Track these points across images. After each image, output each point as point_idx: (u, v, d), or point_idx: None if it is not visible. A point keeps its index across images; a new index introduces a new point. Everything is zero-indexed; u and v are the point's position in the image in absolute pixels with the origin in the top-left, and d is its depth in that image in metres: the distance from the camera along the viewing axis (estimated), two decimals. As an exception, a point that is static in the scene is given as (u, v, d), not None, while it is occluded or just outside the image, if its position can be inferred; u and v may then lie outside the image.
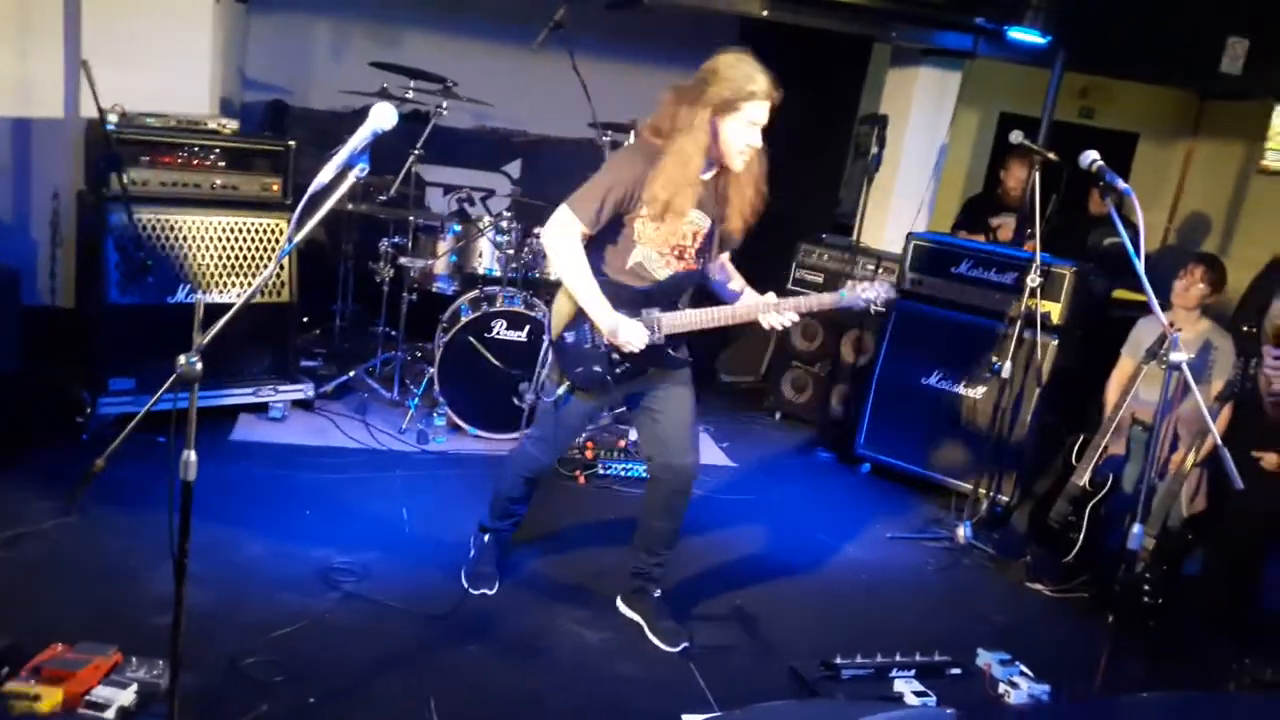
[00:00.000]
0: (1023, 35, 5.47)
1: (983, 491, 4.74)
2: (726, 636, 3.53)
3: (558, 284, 5.10)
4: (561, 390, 3.20)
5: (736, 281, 3.36)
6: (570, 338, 3.14)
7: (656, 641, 3.37)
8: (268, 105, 6.41)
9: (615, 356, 3.13)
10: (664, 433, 3.25)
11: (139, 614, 3.05)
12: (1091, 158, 3.01)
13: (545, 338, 3.21)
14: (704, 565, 3.98)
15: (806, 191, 6.82)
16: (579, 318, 3.12)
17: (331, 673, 2.95)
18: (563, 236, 3.02)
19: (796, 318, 3.17)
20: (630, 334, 3.04)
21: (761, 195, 3.11)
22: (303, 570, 3.49)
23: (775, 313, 3.14)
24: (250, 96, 6.39)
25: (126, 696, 2.60)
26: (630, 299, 3.10)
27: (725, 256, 3.34)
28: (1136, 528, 2.86)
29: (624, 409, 3.69)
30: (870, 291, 3.17)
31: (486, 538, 3.58)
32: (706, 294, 3.38)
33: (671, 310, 3.14)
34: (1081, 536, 4.13)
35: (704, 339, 6.22)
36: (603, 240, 3.09)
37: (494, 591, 3.49)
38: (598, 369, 3.13)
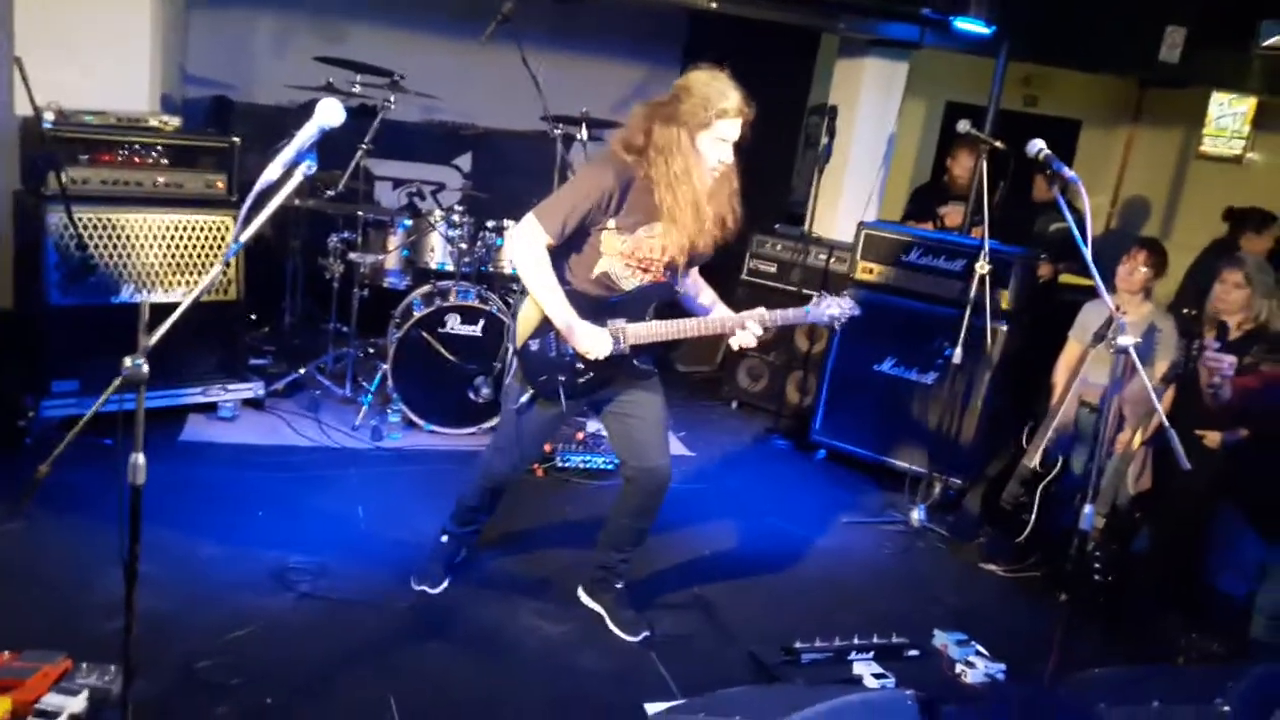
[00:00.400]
0: (968, 25, 5.54)
1: (936, 475, 4.80)
2: (687, 625, 3.55)
3: (512, 279, 5.15)
4: (525, 398, 3.19)
5: (707, 295, 3.33)
6: (535, 346, 3.13)
7: (617, 631, 3.38)
8: (211, 101, 6.29)
9: (580, 366, 3.12)
10: (637, 436, 3.24)
11: (90, 620, 2.98)
12: (1039, 146, 3.06)
13: (509, 345, 3.18)
14: (663, 555, 3.99)
15: (758, 182, 6.79)
16: (544, 327, 3.10)
17: (289, 674, 2.92)
18: (529, 246, 3.00)
19: (761, 331, 3.15)
20: (593, 341, 3.02)
21: (735, 213, 3.11)
22: (257, 571, 3.44)
23: (742, 329, 3.13)
24: (193, 92, 6.25)
25: (77, 704, 2.54)
26: (595, 309, 3.08)
27: (695, 271, 3.31)
28: (1088, 508, 2.91)
29: (591, 415, 3.69)
30: (834, 309, 3.20)
31: (444, 539, 3.56)
32: (674, 306, 3.34)
33: (639, 321, 3.14)
34: (1033, 517, 4.21)
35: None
36: (568, 249, 3.07)
37: (436, 590, 3.46)
38: (561, 378, 3.13)
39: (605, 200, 2.96)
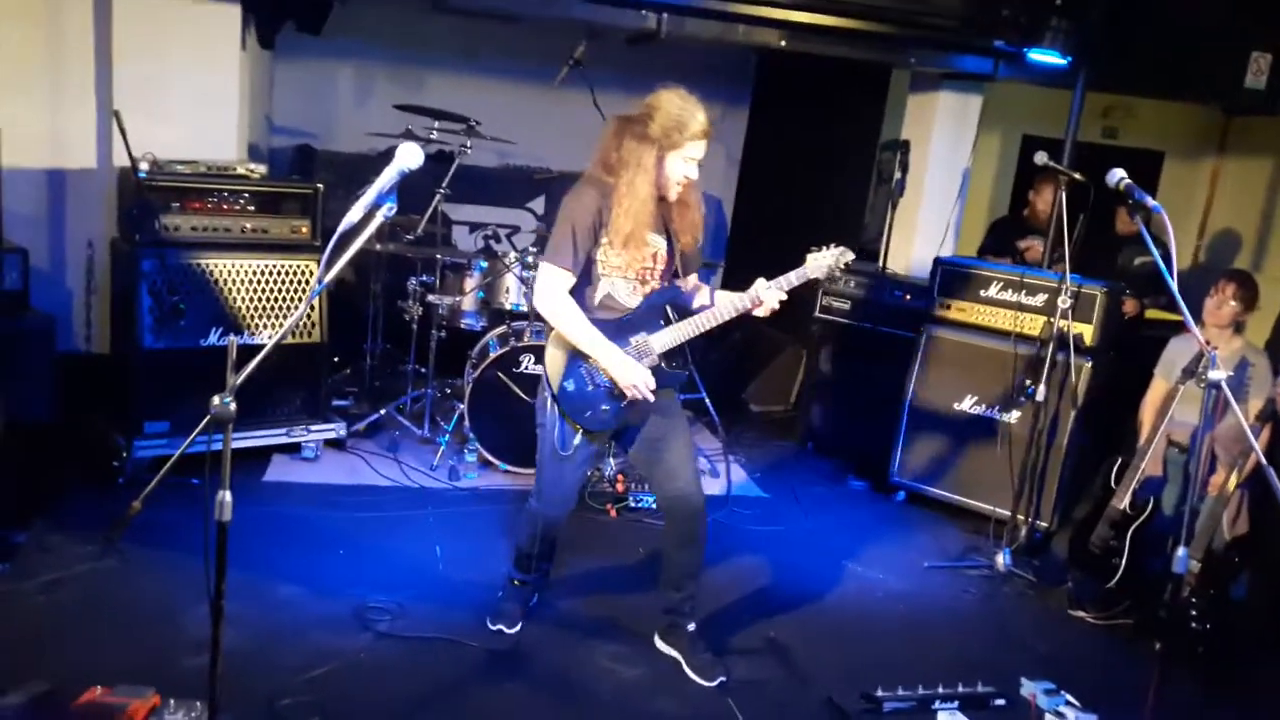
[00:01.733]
0: (1043, 57, 5.45)
1: (1021, 518, 4.67)
2: (763, 670, 3.49)
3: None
4: (578, 440, 3.23)
5: (704, 294, 3.38)
6: (571, 386, 3.17)
7: (694, 676, 3.33)
8: (295, 149, 6.51)
9: (617, 392, 3.16)
10: (667, 463, 3.27)
11: (176, 656, 3.05)
12: (1119, 176, 2.99)
13: (545, 394, 3.21)
14: (738, 597, 3.94)
15: (831, 218, 6.82)
16: (571, 363, 3.16)
17: (367, 712, 2.94)
18: (553, 295, 3.07)
19: (784, 295, 3.19)
20: (637, 375, 3.09)
21: (702, 214, 3.28)
22: (337, 610, 3.49)
23: (766, 293, 3.15)
24: (278, 141, 6.49)
25: (165, 740, 2.59)
26: (615, 332, 3.13)
27: (695, 278, 3.36)
28: (1181, 551, 2.80)
29: (620, 452, 3.70)
30: (829, 259, 3.22)
31: (516, 583, 3.58)
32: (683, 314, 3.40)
33: (657, 331, 3.18)
34: (1124, 561, 4.05)
35: (735, 371, 6.21)
36: (577, 286, 3.13)
37: (513, 631, 3.47)
38: (605, 408, 3.18)
39: (597, 218, 3.06)
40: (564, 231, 3.06)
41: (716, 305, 3.22)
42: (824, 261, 3.22)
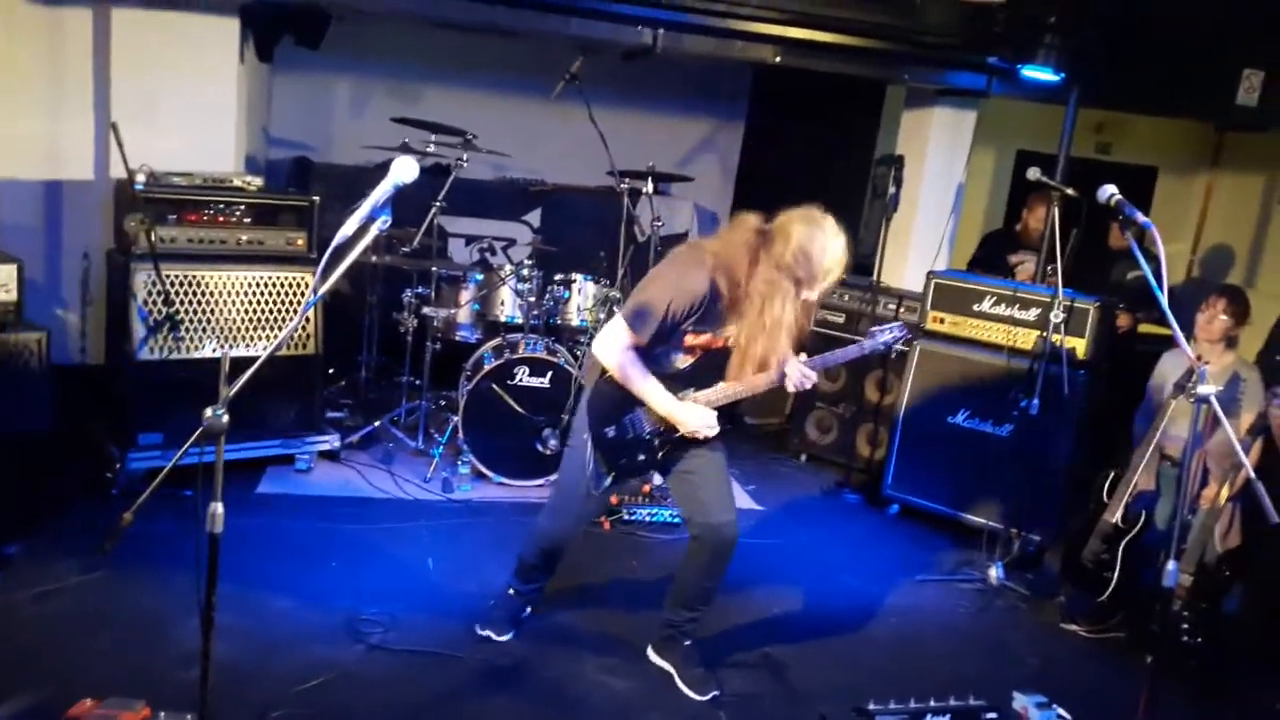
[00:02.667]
0: (1036, 73, 5.49)
1: (1014, 531, 4.67)
2: (756, 684, 3.48)
3: (580, 330, 5.20)
4: (608, 481, 3.26)
5: None
6: (611, 433, 3.19)
7: (686, 690, 3.33)
8: (292, 161, 6.53)
9: (657, 442, 3.20)
10: (701, 493, 3.27)
11: (167, 668, 3.05)
12: (1110, 192, 3.01)
13: (584, 434, 3.21)
14: (731, 611, 3.93)
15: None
16: (615, 410, 3.17)
17: (359, 725, 2.93)
18: (619, 352, 3.08)
19: (816, 378, 3.19)
20: (700, 419, 3.12)
21: (807, 326, 3.19)
22: (330, 622, 3.49)
23: (797, 373, 3.14)
24: (275, 154, 6.51)
25: (155, 752, 2.59)
26: (669, 385, 3.15)
27: None
28: (1171, 565, 2.81)
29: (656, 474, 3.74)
30: (888, 335, 3.27)
31: (511, 592, 3.58)
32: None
33: (706, 389, 3.19)
34: (1116, 575, 4.06)
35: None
36: (652, 344, 3.12)
37: (500, 639, 3.48)
38: (642, 457, 3.22)
39: (697, 305, 3.00)
40: (659, 303, 3.00)
41: (765, 375, 3.16)
42: (882, 340, 3.26)
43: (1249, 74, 6.22)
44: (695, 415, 3.14)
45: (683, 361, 3.19)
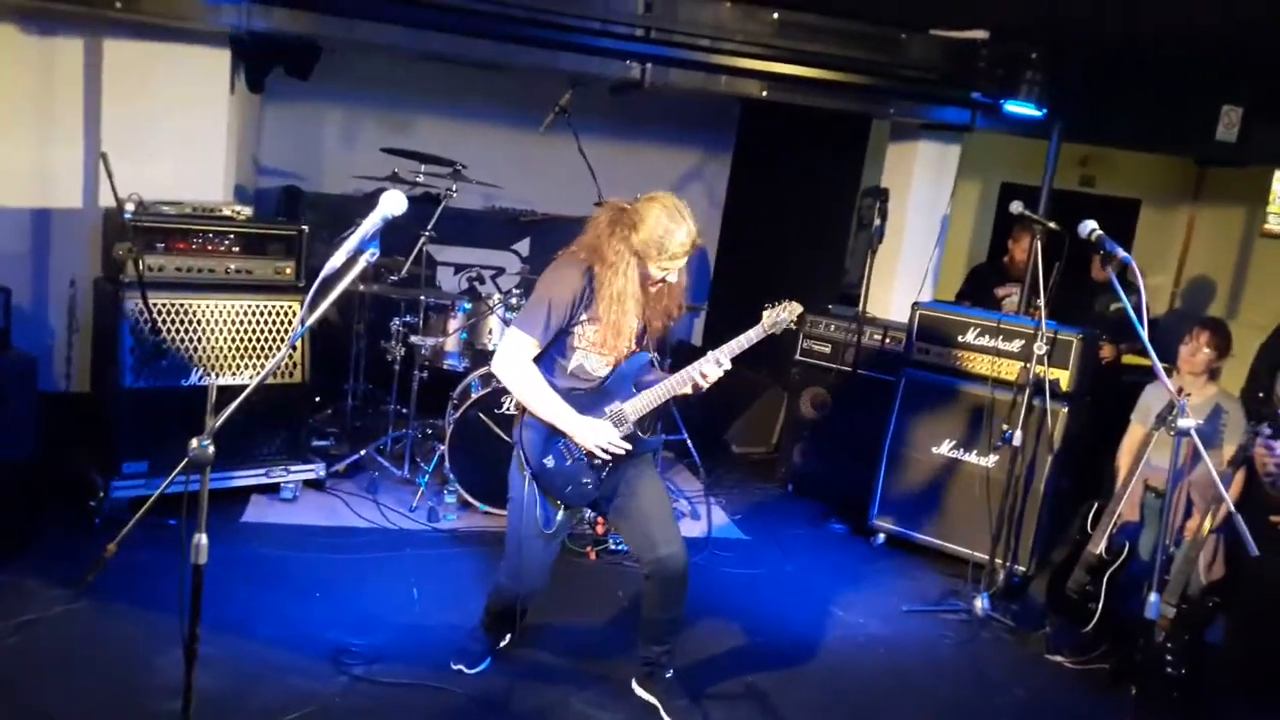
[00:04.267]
0: (1019, 108, 5.57)
1: (999, 562, 4.69)
2: (741, 714, 3.48)
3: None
4: (560, 516, 3.24)
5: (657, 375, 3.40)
6: (551, 463, 3.18)
7: (671, 722, 3.32)
8: (282, 191, 6.55)
9: (597, 462, 3.19)
10: (644, 528, 3.25)
11: (151, 700, 3.03)
12: (1090, 227, 3.07)
13: (523, 472, 3.20)
14: (717, 642, 3.93)
15: (812, 263, 6.90)
16: (549, 440, 3.17)
17: (341, 758, 2.91)
18: (515, 360, 3.11)
19: (728, 364, 3.18)
20: (596, 434, 3.12)
21: (681, 307, 3.33)
22: (313, 653, 3.47)
23: (712, 365, 3.15)
24: (265, 183, 6.53)
25: (134, 786, 2.57)
26: (591, 402, 3.17)
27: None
28: (1153, 597, 2.83)
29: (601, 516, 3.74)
30: (783, 314, 3.23)
31: (486, 622, 3.58)
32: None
33: (630, 398, 3.20)
34: (1100, 606, 4.07)
35: (716, 412, 6.21)
36: (550, 354, 3.17)
37: (473, 671, 3.46)
38: (586, 481, 3.21)
39: (578, 297, 3.09)
40: (540, 303, 3.10)
41: (679, 375, 3.19)
42: (778, 318, 3.23)
43: (1228, 110, 6.32)
44: (591, 431, 3.12)
45: (603, 368, 3.19)
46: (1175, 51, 5.74)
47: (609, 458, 3.17)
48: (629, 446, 3.17)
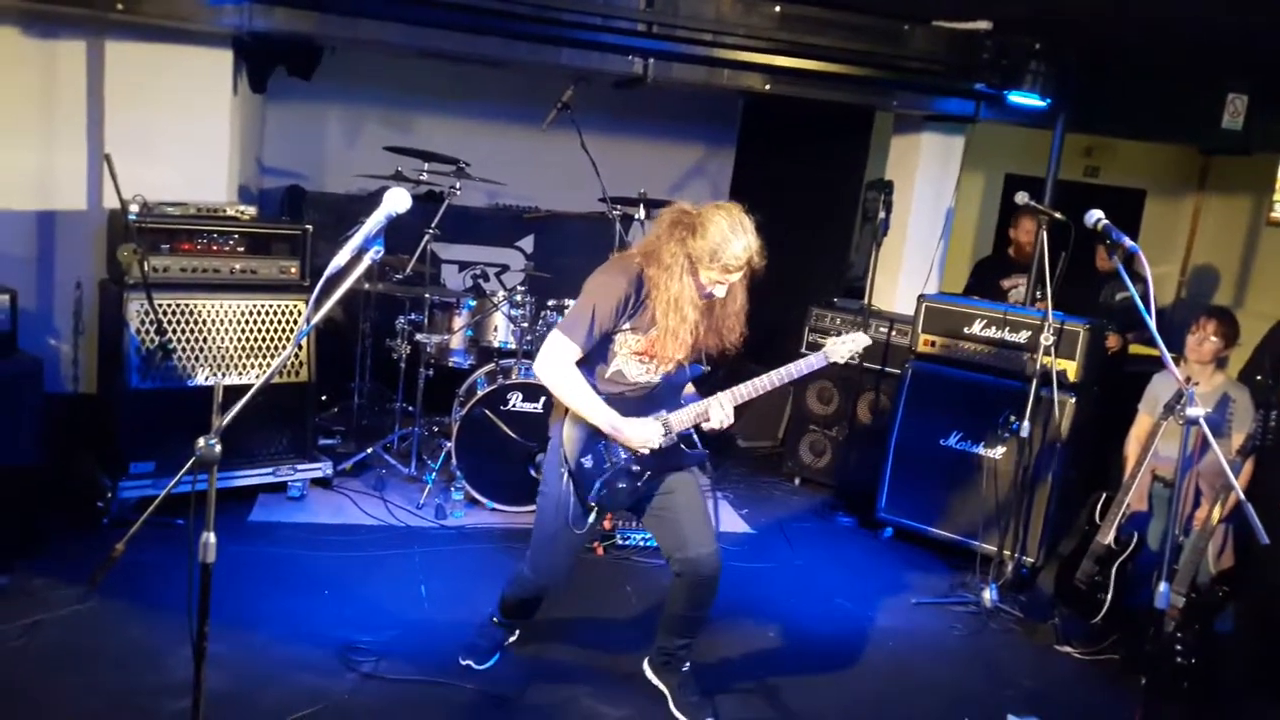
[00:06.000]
0: (1023, 99, 5.55)
1: (1007, 553, 4.68)
2: (751, 710, 3.47)
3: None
4: (592, 518, 3.22)
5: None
6: (588, 463, 3.15)
7: (680, 716, 3.31)
8: (286, 190, 6.56)
9: (635, 468, 3.16)
10: (679, 528, 3.22)
11: (158, 699, 3.03)
12: (1096, 216, 3.04)
13: (561, 468, 3.16)
14: (725, 636, 3.93)
15: (817, 256, 6.88)
16: (590, 441, 3.14)
17: (352, 755, 2.92)
18: (558, 363, 3.06)
19: (726, 422, 3.11)
20: (645, 433, 3.09)
21: (737, 331, 3.19)
22: (322, 651, 3.47)
23: (717, 406, 3.11)
24: (268, 183, 6.54)
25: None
26: (636, 409, 3.13)
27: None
28: (1163, 586, 2.82)
29: (634, 518, 3.72)
30: (844, 348, 3.19)
31: (496, 619, 3.57)
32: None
33: (676, 409, 3.18)
34: (1109, 596, 4.06)
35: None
36: (591, 358, 3.13)
37: (481, 668, 3.45)
38: (622, 485, 3.17)
39: (623, 304, 3.03)
40: (585, 308, 3.03)
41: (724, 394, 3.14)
42: (842, 349, 3.20)
43: (1233, 98, 6.30)
44: (638, 429, 3.09)
45: (644, 376, 3.15)
46: (1179, 40, 5.71)
47: (648, 468, 3.15)
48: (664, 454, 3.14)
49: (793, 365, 3.16)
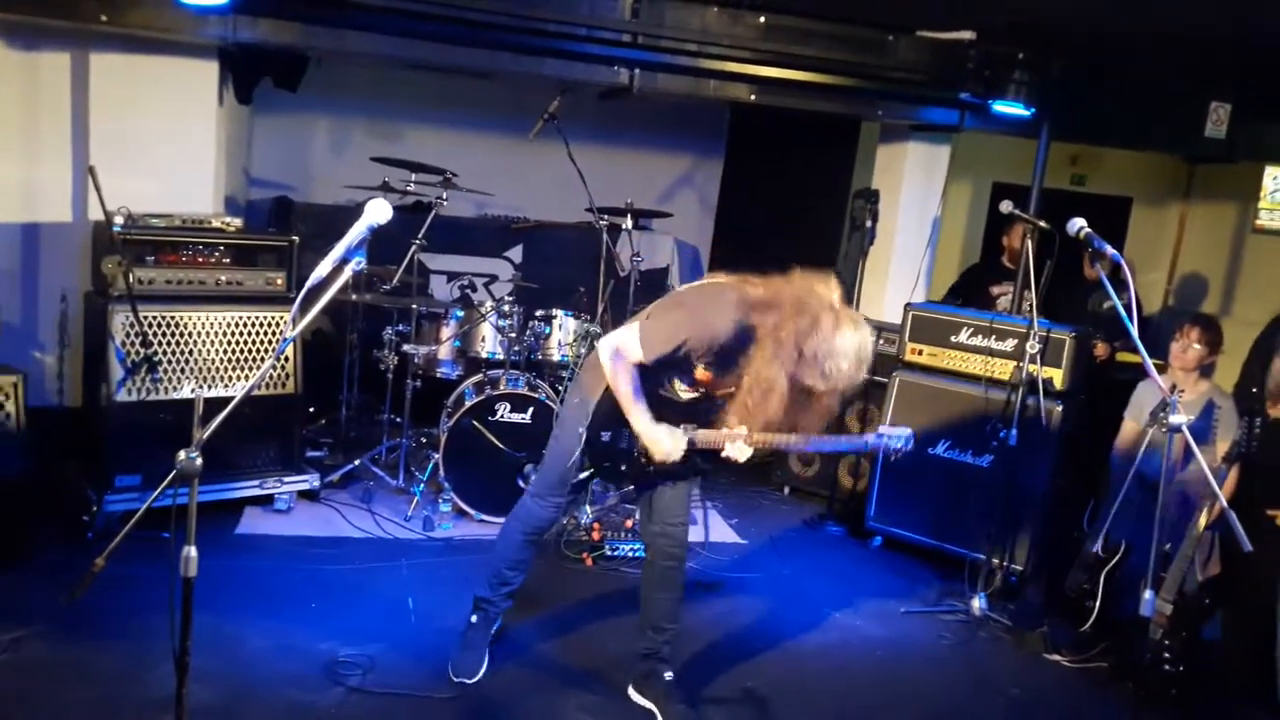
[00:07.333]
0: (1007, 108, 5.58)
1: (996, 562, 4.68)
2: (739, 719, 3.46)
3: (562, 365, 5.20)
4: (586, 474, 3.33)
5: None
6: (606, 437, 3.22)
7: (668, 727, 3.31)
8: (273, 201, 6.55)
9: (642, 460, 3.21)
10: (658, 502, 3.34)
11: (141, 714, 3.01)
12: (1079, 225, 3.05)
13: (580, 426, 3.22)
14: (714, 645, 3.92)
15: (804, 265, 6.89)
16: (617, 421, 3.18)
17: (337, 770, 2.90)
18: (621, 362, 3.04)
19: (750, 453, 3.14)
20: (670, 446, 3.11)
21: (819, 429, 3.07)
22: (308, 665, 3.45)
23: (739, 447, 3.12)
24: (256, 194, 6.53)
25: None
26: (677, 413, 3.17)
27: None
28: (1148, 594, 2.82)
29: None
30: (896, 441, 3.22)
31: (473, 619, 3.55)
32: None
33: (705, 428, 3.19)
34: (1098, 604, 4.07)
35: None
36: (657, 367, 3.09)
37: (474, 680, 3.43)
38: (624, 468, 3.26)
39: (711, 346, 2.95)
40: (678, 332, 2.95)
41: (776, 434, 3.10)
42: (896, 443, 3.20)
43: (1216, 107, 6.34)
44: (666, 439, 3.10)
45: (684, 391, 3.18)
46: (1162, 49, 5.75)
47: (655, 463, 3.18)
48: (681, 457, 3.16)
49: (830, 438, 3.18)
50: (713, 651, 3.87)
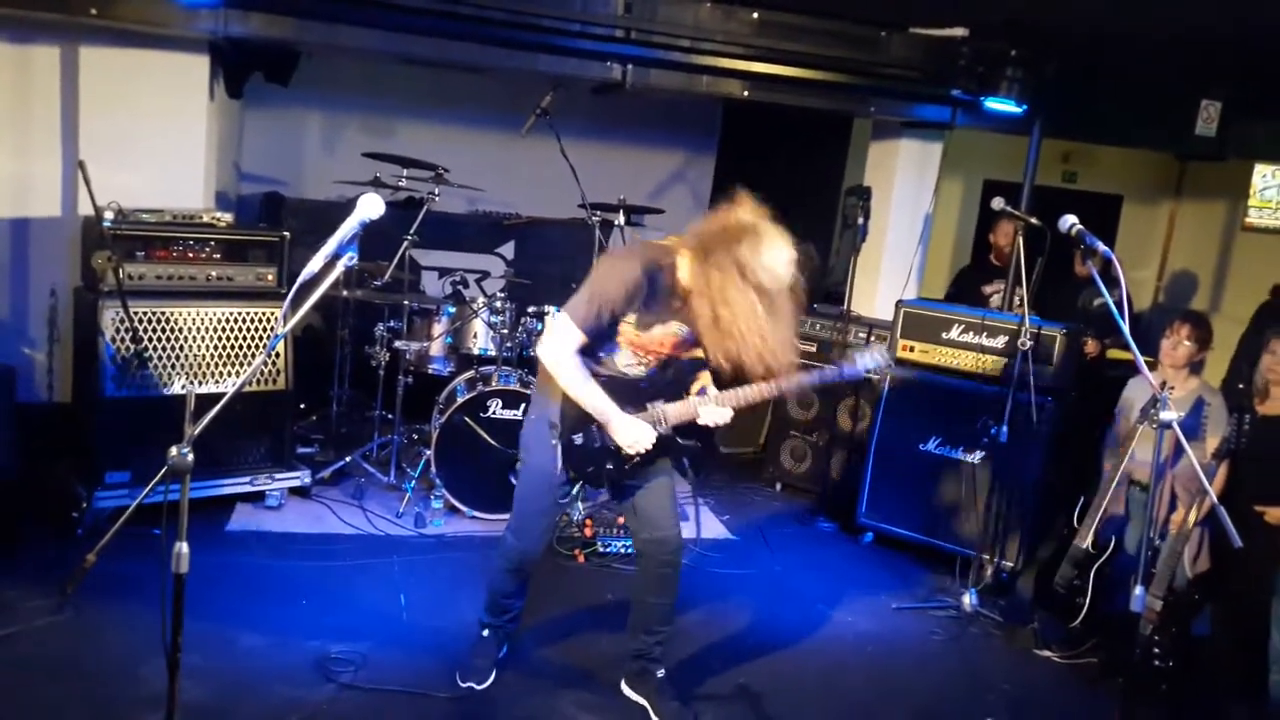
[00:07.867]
0: (999, 105, 5.58)
1: (986, 558, 4.69)
2: (733, 715, 3.47)
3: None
4: (576, 490, 3.25)
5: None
6: (579, 439, 3.15)
7: (661, 723, 3.31)
8: (264, 197, 6.52)
9: (621, 452, 3.16)
10: (644, 508, 3.27)
11: (134, 711, 3.00)
12: (1070, 222, 3.06)
13: (551, 438, 3.15)
14: (706, 642, 3.92)
15: (796, 262, 6.89)
16: (583, 419, 3.13)
17: (329, 766, 2.89)
18: (561, 347, 3.03)
19: (725, 419, 3.14)
20: (634, 434, 3.08)
21: (791, 354, 3.07)
22: (299, 661, 3.44)
23: (714, 405, 3.13)
24: (247, 189, 6.50)
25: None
26: (632, 393, 3.13)
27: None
28: (1138, 590, 2.83)
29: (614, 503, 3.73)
30: (868, 360, 3.21)
31: (485, 633, 3.54)
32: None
33: (676, 400, 3.17)
34: (1087, 600, 4.08)
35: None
36: (599, 343, 3.10)
37: (483, 686, 3.42)
38: (610, 466, 3.18)
39: (632, 294, 2.98)
40: (594, 295, 2.98)
41: (726, 393, 3.13)
42: (869, 362, 3.20)
43: (1207, 105, 6.36)
44: (629, 429, 3.07)
45: (634, 368, 3.15)
46: (1154, 47, 5.77)
47: (637, 456, 3.14)
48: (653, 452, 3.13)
49: (804, 375, 3.14)
50: (705, 647, 3.88)
